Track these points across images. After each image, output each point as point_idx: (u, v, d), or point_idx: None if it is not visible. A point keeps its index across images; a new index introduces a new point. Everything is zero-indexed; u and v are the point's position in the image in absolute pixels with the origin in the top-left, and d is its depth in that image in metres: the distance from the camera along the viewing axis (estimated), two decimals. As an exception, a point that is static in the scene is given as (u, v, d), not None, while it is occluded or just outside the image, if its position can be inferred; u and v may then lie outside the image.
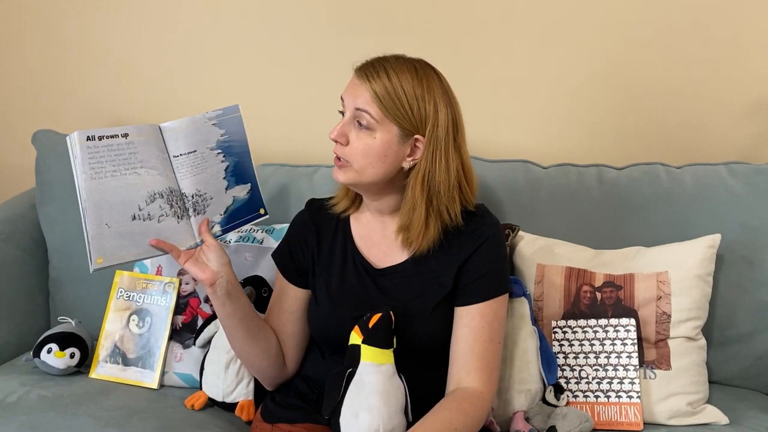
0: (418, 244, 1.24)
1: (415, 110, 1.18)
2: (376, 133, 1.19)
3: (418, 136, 1.20)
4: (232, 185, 1.33)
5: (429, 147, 1.20)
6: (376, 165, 1.20)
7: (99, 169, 1.18)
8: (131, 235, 1.20)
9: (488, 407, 1.20)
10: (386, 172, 1.21)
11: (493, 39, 1.79)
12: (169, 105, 1.97)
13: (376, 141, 1.19)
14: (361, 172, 1.21)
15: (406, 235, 1.25)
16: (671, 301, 1.40)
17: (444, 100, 1.21)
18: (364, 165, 1.20)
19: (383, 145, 1.19)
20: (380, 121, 1.18)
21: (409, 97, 1.18)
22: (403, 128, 1.19)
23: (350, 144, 1.21)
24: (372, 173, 1.21)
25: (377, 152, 1.19)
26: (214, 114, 1.31)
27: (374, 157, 1.20)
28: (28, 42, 2.03)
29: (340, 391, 1.16)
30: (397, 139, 1.19)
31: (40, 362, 1.49)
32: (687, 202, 1.54)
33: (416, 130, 1.20)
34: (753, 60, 1.72)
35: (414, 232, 1.23)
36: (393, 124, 1.18)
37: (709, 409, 1.37)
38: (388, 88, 1.17)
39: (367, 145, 1.19)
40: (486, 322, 1.22)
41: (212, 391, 1.42)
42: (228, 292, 1.24)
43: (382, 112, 1.18)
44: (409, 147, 1.21)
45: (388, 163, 1.21)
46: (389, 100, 1.17)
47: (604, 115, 1.79)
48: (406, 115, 1.18)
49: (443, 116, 1.20)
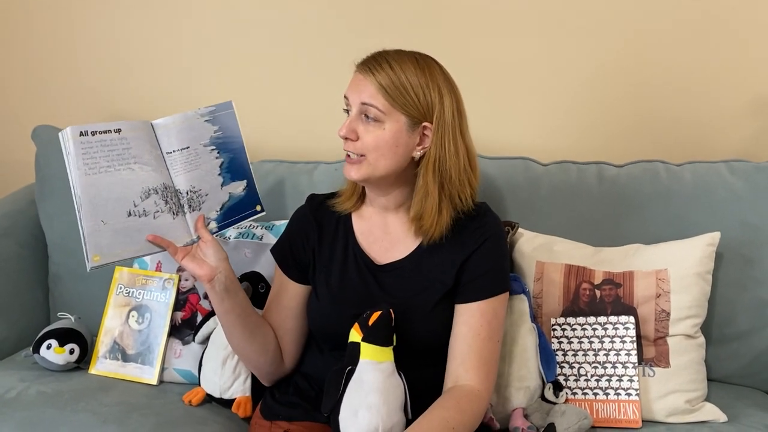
0: (432, 232, 1.24)
1: (421, 98, 1.20)
2: (385, 124, 1.20)
3: (426, 124, 1.21)
4: (228, 182, 1.32)
5: (437, 133, 1.21)
6: (388, 156, 1.21)
7: (93, 164, 1.17)
8: (127, 232, 1.20)
9: (485, 405, 1.21)
10: (398, 163, 1.22)
11: (493, 35, 1.79)
12: (169, 101, 1.96)
13: (386, 132, 1.20)
14: (375, 165, 1.21)
15: (419, 225, 1.25)
16: (670, 298, 1.40)
17: (447, 87, 1.22)
18: (377, 157, 1.21)
19: (394, 135, 1.20)
20: (388, 113, 1.19)
21: (414, 85, 1.19)
22: (411, 116, 1.20)
23: (360, 139, 1.21)
24: (385, 165, 1.21)
25: (388, 143, 1.20)
26: (207, 110, 1.31)
27: (386, 148, 1.20)
28: (29, 37, 2.03)
29: (339, 389, 1.16)
30: (405, 128, 1.20)
31: (40, 358, 1.49)
32: (687, 199, 1.54)
33: (424, 117, 1.21)
34: (754, 58, 1.71)
35: (428, 220, 1.23)
36: (401, 113, 1.19)
37: (707, 407, 1.37)
38: (393, 78, 1.19)
39: (377, 137, 1.20)
40: (485, 320, 1.22)
41: (210, 387, 1.42)
42: (226, 287, 1.24)
43: (389, 103, 1.19)
44: (417, 135, 1.22)
45: (400, 154, 1.21)
46: (395, 90, 1.18)
47: (604, 112, 1.79)
48: (413, 103, 1.19)
49: (448, 102, 1.21)
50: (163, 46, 1.95)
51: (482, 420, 1.31)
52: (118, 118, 1.99)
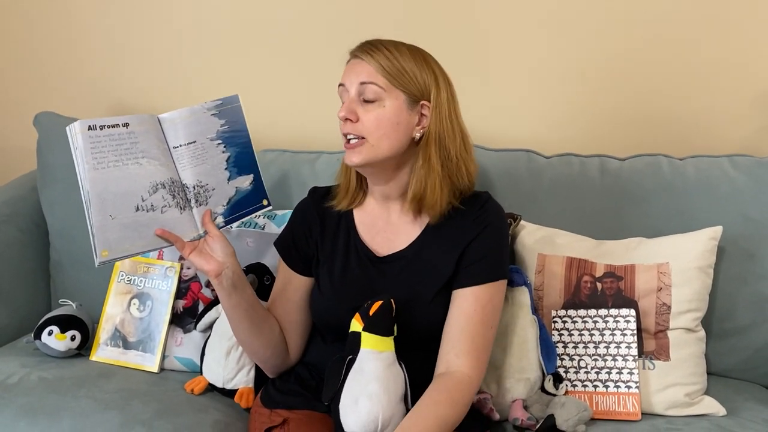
0: (433, 212, 1.25)
1: (419, 77, 1.22)
2: (385, 101, 1.20)
3: (424, 102, 1.22)
4: (234, 176, 1.32)
5: (436, 111, 1.23)
6: (391, 135, 1.21)
7: (101, 159, 1.17)
8: (135, 227, 1.19)
9: (475, 391, 1.20)
10: (400, 143, 1.22)
11: (497, 28, 1.78)
12: (169, 89, 1.96)
13: (386, 109, 1.20)
14: (377, 146, 1.21)
15: (418, 205, 1.25)
16: (671, 292, 1.40)
17: (441, 75, 1.25)
18: (379, 136, 1.21)
19: (395, 113, 1.21)
20: (388, 90, 1.20)
21: (410, 68, 1.22)
22: (411, 94, 1.21)
23: (360, 119, 1.21)
24: (387, 145, 1.21)
25: (390, 120, 1.20)
26: (213, 104, 1.30)
27: (388, 126, 1.21)
28: (29, 23, 2.02)
29: (340, 378, 1.16)
30: (405, 106, 1.21)
31: (41, 344, 1.50)
32: (689, 193, 1.54)
33: (422, 95, 1.22)
34: (758, 53, 1.71)
35: (429, 198, 1.24)
36: (400, 91, 1.21)
37: (706, 401, 1.38)
38: (390, 59, 1.21)
39: (379, 114, 1.20)
40: (480, 306, 1.22)
41: (212, 377, 1.42)
42: (233, 283, 1.24)
43: (389, 81, 1.20)
44: (417, 115, 1.23)
45: (401, 132, 1.22)
46: (393, 68, 1.20)
47: (607, 105, 1.78)
48: (412, 81, 1.21)
49: (443, 86, 1.24)
50: (164, 35, 1.94)
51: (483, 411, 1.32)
52: (119, 107, 1.99)
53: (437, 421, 1.12)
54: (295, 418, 1.26)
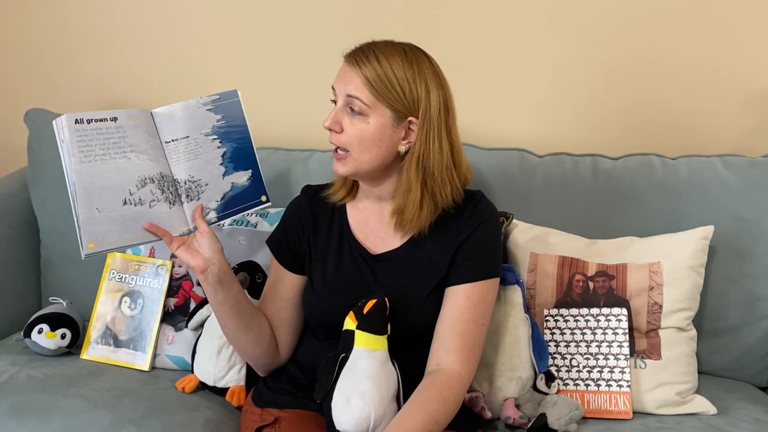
0: (411, 227, 1.24)
1: (407, 92, 1.19)
2: (369, 118, 1.19)
3: (411, 118, 1.20)
4: (231, 171, 1.31)
5: (422, 128, 1.20)
6: (372, 150, 1.20)
7: (88, 152, 1.17)
8: (122, 220, 1.19)
9: (465, 388, 1.20)
10: (383, 157, 1.21)
11: (490, 27, 1.78)
12: (162, 86, 1.95)
13: (370, 126, 1.19)
14: (359, 160, 1.21)
15: (400, 218, 1.25)
16: (663, 291, 1.40)
17: (435, 81, 1.21)
18: (361, 151, 1.20)
19: (377, 130, 1.19)
20: (372, 106, 1.18)
21: (400, 79, 1.18)
22: (396, 111, 1.19)
23: (345, 131, 1.21)
24: (369, 159, 1.21)
25: (372, 137, 1.19)
26: (209, 99, 1.29)
27: (370, 142, 1.19)
28: (21, 19, 2.00)
29: (332, 376, 1.16)
30: (390, 122, 1.19)
31: (31, 342, 1.49)
32: (681, 193, 1.55)
33: (409, 112, 1.20)
34: (750, 53, 1.71)
35: (408, 214, 1.23)
36: (385, 107, 1.19)
37: (697, 399, 1.38)
38: (379, 72, 1.17)
39: (361, 130, 1.19)
40: (471, 303, 1.22)
41: (204, 375, 1.42)
42: (219, 279, 1.23)
43: (374, 96, 1.18)
44: (403, 130, 1.21)
45: (384, 148, 1.20)
46: (380, 83, 1.17)
47: (600, 104, 1.79)
48: (398, 98, 1.18)
49: (435, 97, 1.20)
50: (159, 32, 1.93)
51: (475, 410, 1.32)
52: (112, 103, 1.98)
53: (427, 418, 1.12)
54: (286, 417, 1.25)
